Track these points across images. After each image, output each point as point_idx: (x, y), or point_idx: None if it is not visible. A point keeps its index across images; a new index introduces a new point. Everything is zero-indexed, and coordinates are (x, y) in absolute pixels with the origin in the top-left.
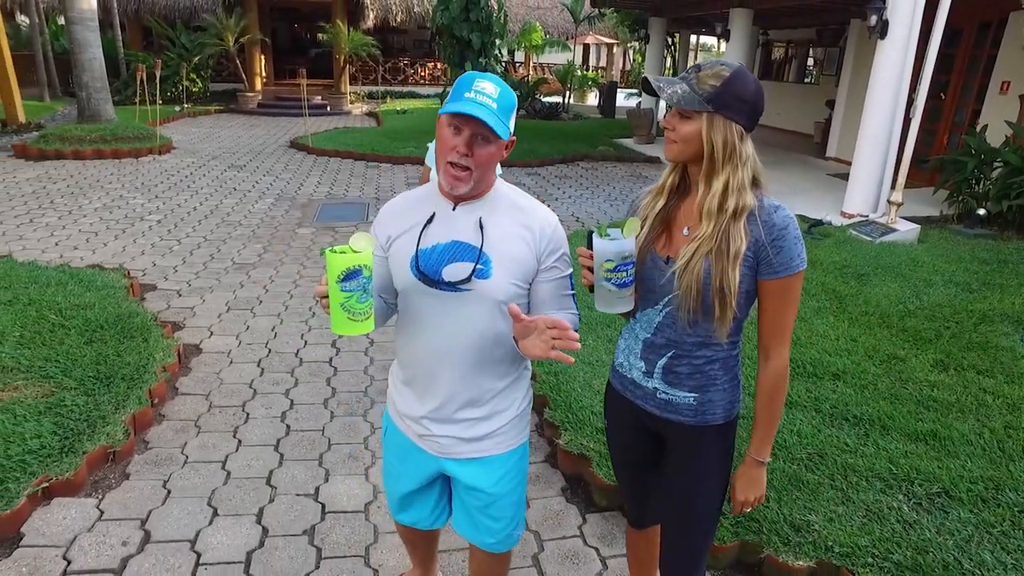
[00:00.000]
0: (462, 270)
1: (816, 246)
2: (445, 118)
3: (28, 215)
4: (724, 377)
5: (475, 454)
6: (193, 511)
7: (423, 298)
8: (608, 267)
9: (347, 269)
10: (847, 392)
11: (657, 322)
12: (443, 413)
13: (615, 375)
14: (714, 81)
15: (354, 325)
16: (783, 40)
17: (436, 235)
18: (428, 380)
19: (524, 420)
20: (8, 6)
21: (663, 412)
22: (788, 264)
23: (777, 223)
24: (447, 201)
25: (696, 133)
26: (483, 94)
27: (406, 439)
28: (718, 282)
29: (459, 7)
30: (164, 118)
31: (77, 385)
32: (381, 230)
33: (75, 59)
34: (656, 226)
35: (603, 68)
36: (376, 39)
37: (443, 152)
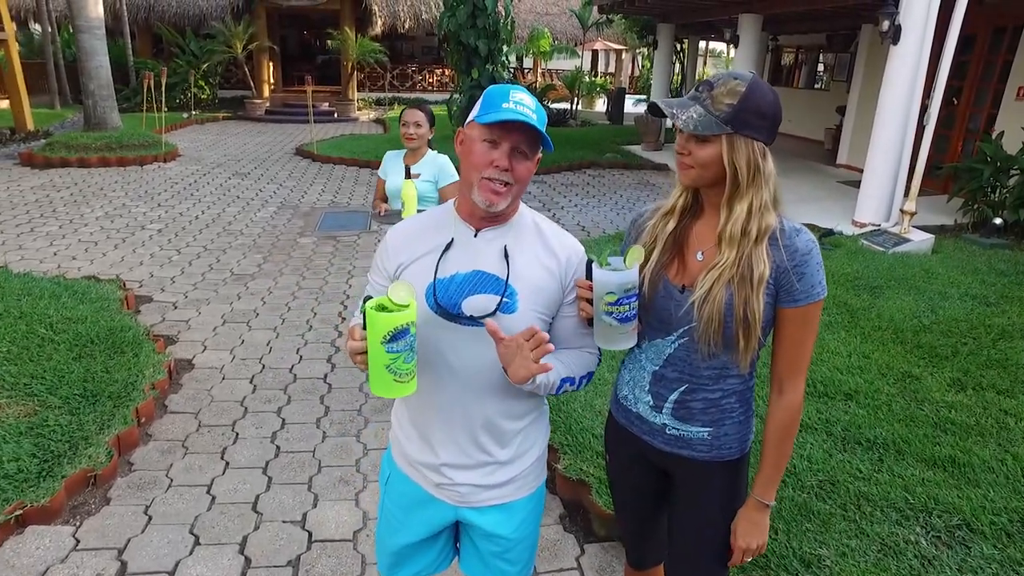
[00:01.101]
0: (485, 303)
1: (827, 257)
2: (479, 131)
3: (29, 224)
4: (739, 409)
5: (497, 500)
6: (174, 539)
7: (440, 333)
8: (609, 300)
9: (395, 329)
10: (860, 413)
11: (668, 354)
12: (463, 459)
13: (618, 408)
14: (730, 99)
15: (399, 387)
16: (793, 45)
17: (455, 264)
18: (446, 424)
19: (544, 459)
20: (22, 15)
21: (673, 448)
22: (809, 292)
23: (800, 248)
24: (468, 226)
25: (716, 157)
26: (523, 105)
27: (418, 489)
28: (742, 311)
29: (466, 14)
30: (172, 125)
31: (62, 404)
32: (390, 258)
33: (82, 67)
34: (668, 251)
35: (612, 74)
36: (384, 46)
37: (476, 167)
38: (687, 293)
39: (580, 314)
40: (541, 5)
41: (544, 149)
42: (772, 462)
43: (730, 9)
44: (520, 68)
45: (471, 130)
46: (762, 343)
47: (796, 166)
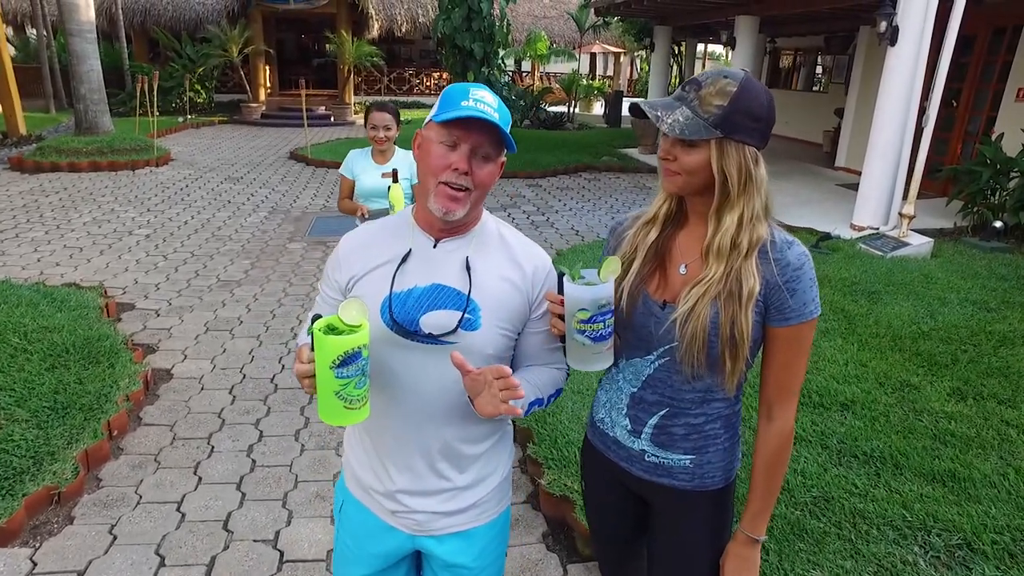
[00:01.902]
0: (445, 319)
1: (824, 261)
2: (436, 132)
3: (15, 229)
4: (724, 435)
5: (457, 528)
6: (138, 561)
7: (395, 351)
8: (582, 317)
9: (345, 353)
10: (856, 425)
11: (647, 375)
12: (421, 485)
13: (594, 431)
14: (720, 100)
15: (349, 414)
16: (791, 48)
17: (413, 277)
18: (402, 447)
19: (508, 483)
20: (19, 19)
21: (652, 476)
22: (802, 310)
23: (792, 262)
24: (426, 236)
25: (704, 163)
26: (483, 103)
27: (372, 517)
28: (728, 330)
29: (461, 17)
30: (167, 129)
31: (30, 417)
32: (341, 270)
33: (73, 71)
34: (648, 263)
35: (610, 77)
36: (382, 49)
37: (433, 171)
38: (669, 309)
39: (552, 330)
40: (539, 8)
41: (507, 151)
42: (761, 494)
43: (726, 11)
44: (518, 71)
45: (428, 131)
46: (750, 364)
47: (794, 169)
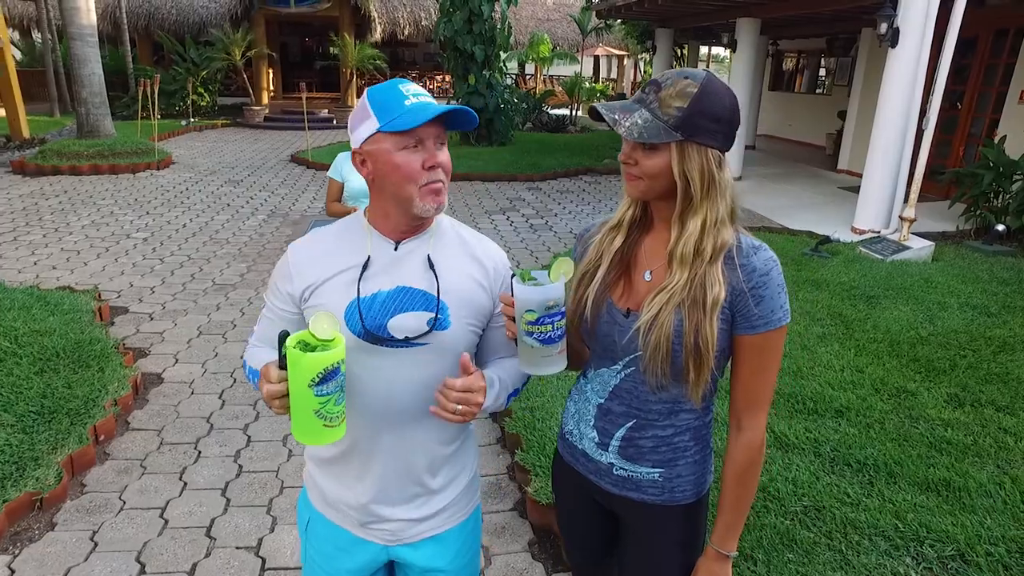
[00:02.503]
0: (415, 322)
1: (823, 265)
2: (392, 141)
3: (13, 233)
4: (695, 447)
5: (431, 532)
6: (117, 569)
7: (363, 358)
8: (529, 318)
9: (325, 370)
10: (851, 432)
11: (614, 385)
12: (394, 492)
13: (563, 443)
14: (680, 102)
15: (329, 432)
16: (794, 50)
17: (375, 282)
18: (371, 456)
19: (476, 481)
20: (25, 23)
21: (621, 490)
22: (769, 317)
23: (758, 267)
24: (386, 239)
25: (664, 167)
26: (422, 95)
27: (342, 532)
28: (692, 338)
29: (462, 20)
30: (169, 132)
31: (16, 422)
32: (294, 280)
33: (75, 74)
34: (613, 270)
35: (614, 80)
36: (386, 52)
37: (411, 178)
38: (633, 317)
39: (507, 333)
40: (542, 11)
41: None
42: (731, 507)
43: (727, 13)
44: (521, 74)
45: (377, 144)
46: (717, 375)
47: (796, 171)
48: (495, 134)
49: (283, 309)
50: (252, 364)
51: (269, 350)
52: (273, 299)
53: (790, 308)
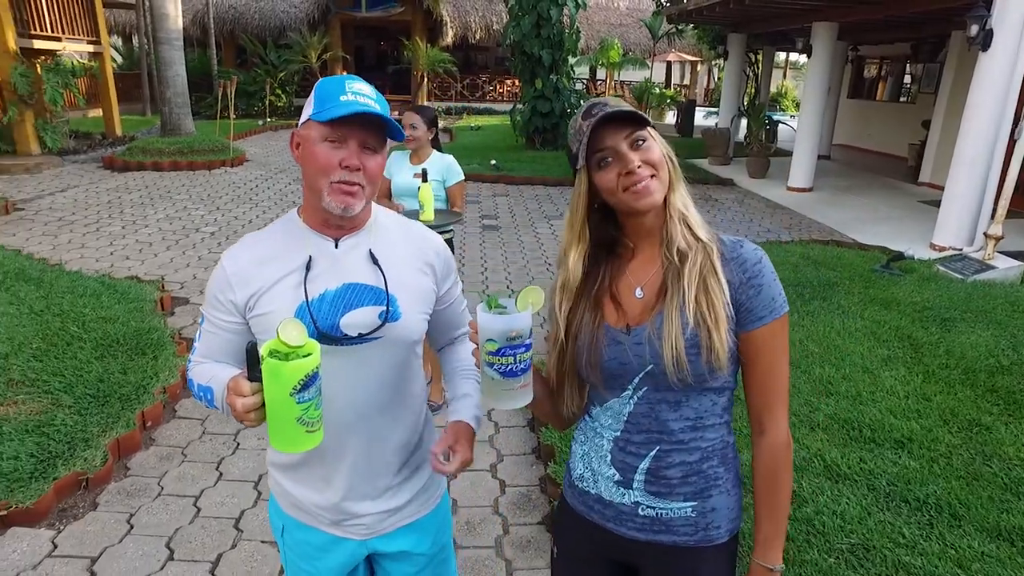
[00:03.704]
0: (366, 317)
1: (894, 284)
2: (319, 130)
3: (97, 224)
4: (726, 475)
5: (406, 520)
6: (148, 552)
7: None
8: (490, 349)
9: (306, 377)
10: (912, 466)
11: (629, 412)
12: (364, 489)
13: (573, 491)
14: (627, 105)
15: (310, 438)
16: (876, 56)
17: (321, 281)
18: (337, 457)
19: None
20: (127, 30)
21: (649, 534)
22: (771, 306)
23: (749, 258)
24: (324, 238)
25: (660, 152)
26: (363, 95)
27: (318, 534)
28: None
29: (530, 24)
30: (246, 131)
31: (73, 403)
32: (235, 289)
33: (161, 76)
34: (595, 302)
35: (686, 86)
36: (458, 56)
37: (324, 171)
38: (635, 333)
39: (475, 360)
40: (615, 16)
41: (395, 138)
42: (768, 516)
43: (803, 17)
44: (592, 79)
45: (308, 130)
46: (730, 383)
47: (872, 183)
48: (561, 138)
49: (227, 321)
50: (202, 381)
51: (218, 366)
52: (214, 312)
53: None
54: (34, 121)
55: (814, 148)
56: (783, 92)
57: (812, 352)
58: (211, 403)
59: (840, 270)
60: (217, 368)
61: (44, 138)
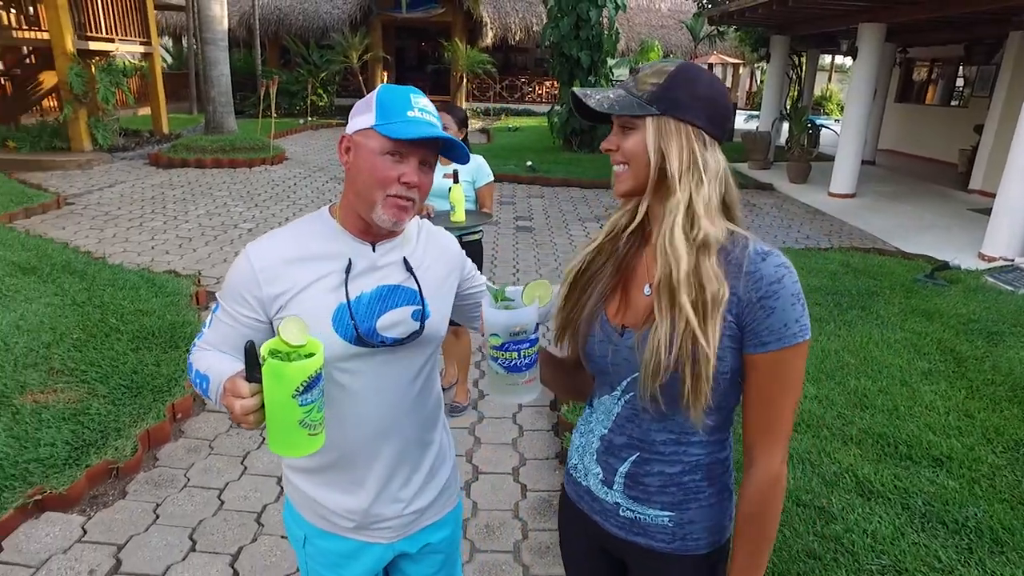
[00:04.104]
0: (399, 316)
1: (938, 294)
2: (380, 143)
3: (140, 219)
4: (709, 490)
5: (431, 519)
6: (172, 543)
7: (354, 365)
8: (494, 343)
9: (309, 378)
10: (950, 486)
11: (616, 414)
12: (394, 492)
13: (568, 479)
14: (655, 79)
15: (312, 441)
16: (926, 58)
17: (357, 284)
18: (370, 460)
19: (456, 464)
20: (177, 32)
21: (627, 534)
22: (782, 332)
23: (766, 275)
24: (360, 241)
25: (642, 146)
26: (428, 112)
27: (344, 541)
28: (687, 345)
29: (569, 25)
30: (287, 130)
31: (108, 393)
32: (261, 286)
33: (206, 75)
34: (607, 283)
35: (728, 89)
36: (498, 57)
37: (381, 184)
38: (627, 336)
39: None
40: (656, 18)
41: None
42: (744, 548)
43: (850, 18)
44: None
45: (367, 139)
46: (727, 401)
47: (918, 190)
48: (597, 140)
49: (246, 316)
50: (201, 368)
51: (220, 356)
52: (233, 304)
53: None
54: (87, 119)
55: (858, 153)
56: (828, 96)
57: (848, 363)
58: (205, 392)
59: (881, 279)
60: (217, 359)
61: (96, 135)
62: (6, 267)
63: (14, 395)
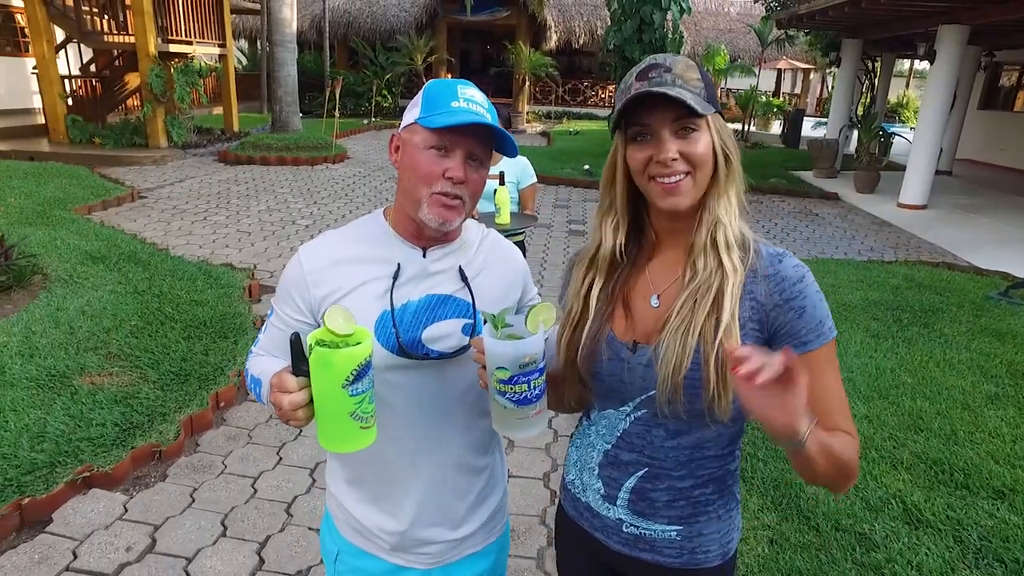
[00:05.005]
0: (449, 329)
1: (1012, 313)
2: (424, 136)
3: (205, 213)
4: (719, 501)
5: (473, 549)
6: (203, 527)
7: (394, 376)
8: (501, 377)
9: (359, 366)
10: (1012, 521)
11: (623, 430)
12: (435, 516)
13: (565, 495)
14: (695, 74)
15: (364, 435)
16: (1016, 62)
17: (404, 291)
18: (409, 479)
19: (507, 494)
20: (252, 34)
21: (632, 550)
22: (819, 329)
23: (789, 275)
24: (412, 246)
25: (709, 147)
26: (475, 102)
27: (377, 562)
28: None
29: (632, 28)
30: (351, 130)
31: (157, 379)
32: (309, 287)
33: (274, 76)
34: (604, 302)
35: (797, 95)
36: (561, 61)
37: (425, 180)
38: (641, 352)
39: (480, 382)
40: (724, 22)
41: (509, 155)
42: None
43: (928, 20)
44: None
45: (412, 135)
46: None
47: (999, 202)
48: None
49: (295, 319)
50: (255, 372)
51: (274, 360)
52: (283, 307)
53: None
54: (164, 117)
55: (931, 162)
56: (904, 102)
57: (904, 382)
58: (259, 397)
59: (948, 295)
60: (270, 362)
61: (171, 133)
62: (79, 256)
63: (74, 376)
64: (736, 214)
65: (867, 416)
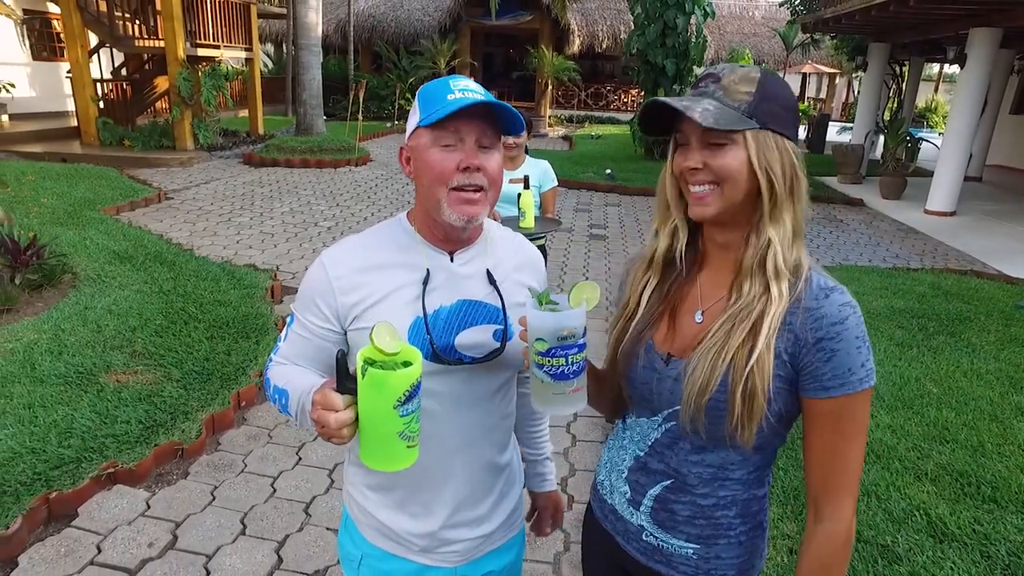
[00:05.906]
0: (481, 335)
1: None
2: (430, 137)
3: (229, 214)
4: (741, 526)
5: (497, 543)
6: (223, 525)
7: (426, 381)
8: (539, 348)
9: (411, 387)
10: None
11: (654, 439)
12: (464, 516)
13: (594, 495)
14: (747, 87)
15: (409, 454)
16: None
17: (436, 297)
18: (440, 482)
19: (523, 485)
20: (278, 38)
21: (649, 560)
22: (846, 378)
23: (828, 314)
24: (439, 251)
25: (741, 165)
26: (470, 91)
27: (405, 564)
28: (744, 373)
29: (655, 33)
30: (374, 133)
31: (181, 378)
32: (336, 295)
33: (298, 79)
34: (654, 309)
35: (822, 100)
36: (584, 65)
37: (441, 179)
38: (673, 365)
39: (524, 362)
40: (749, 26)
41: (517, 132)
42: None
43: (958, 24)
44: None
45: (418, 140)
46: (777, 437)
47: None
48: None
49: (321, 327)
50: (279, 383)
51: (299, 371)
52: (307, 315)
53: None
54: (191, 120)
55: (960, 168)
56: (933, 107)
57: (929, 392)
58: (284, 408)
59: (976, 304)
60: (297, 373)
61: (198, 135)
62: (107, 255)
63: (100, 374)
64: (790, 240)
65: (891, 426)
